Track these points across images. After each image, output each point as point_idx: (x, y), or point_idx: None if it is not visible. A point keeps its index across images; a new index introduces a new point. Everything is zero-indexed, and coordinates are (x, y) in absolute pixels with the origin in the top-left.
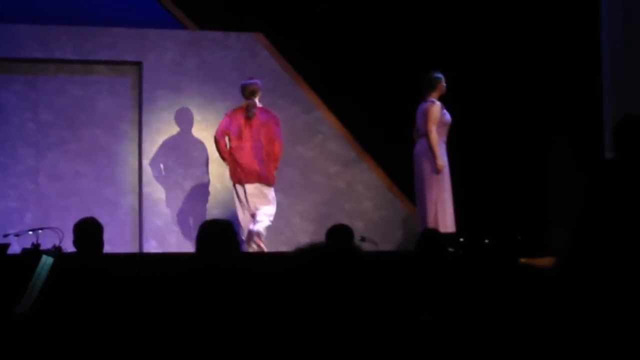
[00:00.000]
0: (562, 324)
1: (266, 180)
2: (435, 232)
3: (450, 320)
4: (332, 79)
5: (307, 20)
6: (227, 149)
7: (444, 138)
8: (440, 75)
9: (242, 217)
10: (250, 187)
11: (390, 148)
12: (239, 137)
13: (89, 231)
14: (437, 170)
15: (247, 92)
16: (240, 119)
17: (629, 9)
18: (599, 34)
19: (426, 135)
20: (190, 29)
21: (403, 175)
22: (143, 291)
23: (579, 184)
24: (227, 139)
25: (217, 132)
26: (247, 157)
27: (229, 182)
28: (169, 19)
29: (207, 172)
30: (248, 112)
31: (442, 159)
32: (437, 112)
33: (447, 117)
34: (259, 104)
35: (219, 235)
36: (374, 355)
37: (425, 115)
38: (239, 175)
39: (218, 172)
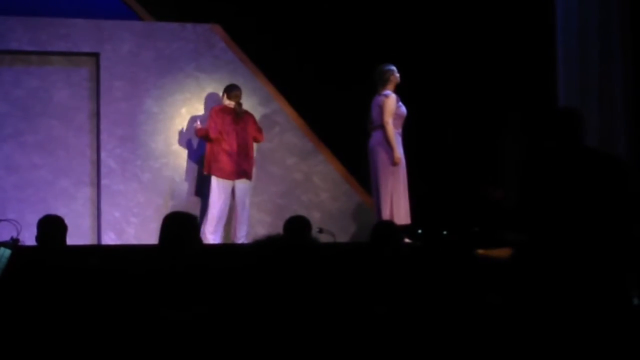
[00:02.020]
0: (520, 314)
1: (249, 176)
2: (389, 224)
3: (406, 311)
4: (290, 71)
5: (264, 11)
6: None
7: (399, 130)
8: (390, 67)
9: (212, 214)
10: (238, 183)
11: (347, 140)
12: (228, 135)
13: (53, 230)
14: (394, 162)
15: (234, 95)
16: (225, 118)
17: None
18: (555, 18)
19: (382, 127)
20: (146, 20)
21: (359, 166)
22: (103, 286)
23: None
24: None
25: (210, 132)
26: (234, 155)
27: (186, 174)
28: (125, 10)
29: (165, 164)
30: (239, 112)
31: (399, 151)
32: (393, 105)
33: (403, 109)
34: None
35: (182, 227)
36: (330, 346)
37: (381, 107)
38: (224, 171)
39: (176, 164)
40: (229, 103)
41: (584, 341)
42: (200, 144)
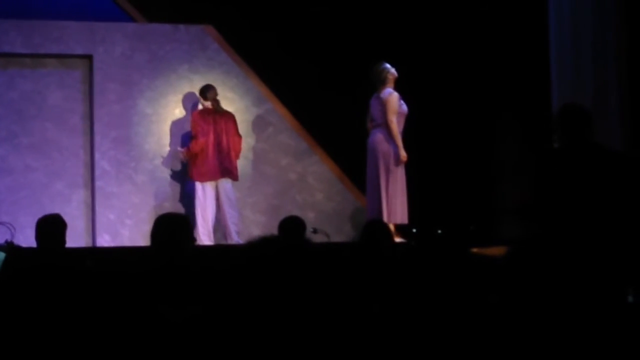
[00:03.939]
0: (515, 313)
1: (233, 176)
2: (379, 223)
3: (402, 310)
4: (283, 71)
5: (257, 12)
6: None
7: (401, 128)
8: (385, 66)
9: (202, 218)
10: (222, 182)
11: (341, 139)
12: (208, 135)
13: (52, 229)
14: (399, 161)
15: (210, 97)
16: (206, 119)
17: None
18: (547, 18)
19: (384, 125)
20: (139, 21)
21: (354, 166)
22: (98, 287)
23: (527, 173)
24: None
25: (199, 137)
26: (213, 154)
27: (180, 175)
28: (118, 12)
29: (159, 165)
30: (217, 108)
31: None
32: (396, 103)
33: (404, 107)
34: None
35: (175, 229)
36: (324, 345)
37: (384, 105)
38: (206, 173)
39: (169, 165)
40: (207, 105)
41: (577, 339)
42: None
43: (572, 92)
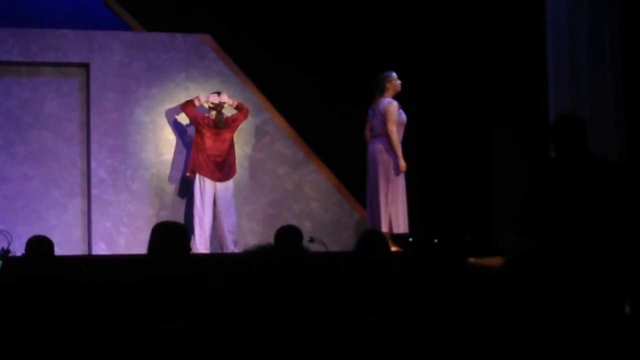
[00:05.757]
0: (510, 323)
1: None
2: (376, 232)
3: (399, 320)
4: (280, 81)
5: (255, 21)
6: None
7: (400, 138)
8: (390, 74)
9: (200, 227)
10: (220, 191)
11: (337, 149)
12: (207, 140)
13: (40, 251)
14: (399, 171)
15: (215, 105)
16: (209, 127)
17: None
18: (544, 29)
19: (385, 134)
20: (136, 30)
21: (351, 176)
22: (94, 296)
23: (523, 183)
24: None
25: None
26: (217, 163)
27: (177, 184)
28: (115, 21)
29: (155, 174)
30: (218, 122)
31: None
32: (395, 112)
33: (403, 116)
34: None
35: (172, 237)
36: (321, 354)
37: (384, 115)
38: (205, 169)
39: (166, 174)
40: (210, 114)
41: (574, 351)
42: (189, 153)
43: (570, 100)
